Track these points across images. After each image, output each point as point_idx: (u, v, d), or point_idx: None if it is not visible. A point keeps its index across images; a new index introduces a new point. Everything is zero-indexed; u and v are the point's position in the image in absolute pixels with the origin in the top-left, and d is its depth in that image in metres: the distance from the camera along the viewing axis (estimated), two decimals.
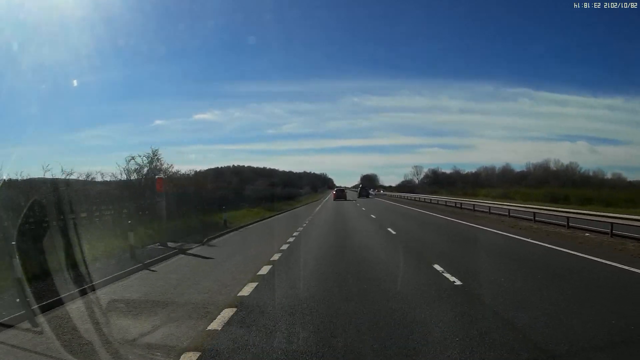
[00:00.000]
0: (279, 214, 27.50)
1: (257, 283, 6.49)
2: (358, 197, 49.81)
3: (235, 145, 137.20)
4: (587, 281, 6.42)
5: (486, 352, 3.52)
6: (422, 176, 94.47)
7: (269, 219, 22.99)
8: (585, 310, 4.75)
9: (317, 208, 32.87)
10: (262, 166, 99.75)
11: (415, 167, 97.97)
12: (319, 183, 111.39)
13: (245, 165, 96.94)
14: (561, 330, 4.03)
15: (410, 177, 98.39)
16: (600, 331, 4.02)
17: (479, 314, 4.67)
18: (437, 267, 7.39)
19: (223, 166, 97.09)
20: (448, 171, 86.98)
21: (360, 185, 63.52)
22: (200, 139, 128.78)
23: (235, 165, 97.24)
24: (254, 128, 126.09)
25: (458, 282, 6.21)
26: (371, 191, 63.37)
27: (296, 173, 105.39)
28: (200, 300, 5.67)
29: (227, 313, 4.85)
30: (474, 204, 24.84)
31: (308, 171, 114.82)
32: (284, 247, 10.64)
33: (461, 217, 19.83)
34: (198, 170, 31.64)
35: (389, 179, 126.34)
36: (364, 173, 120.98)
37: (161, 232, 11.84)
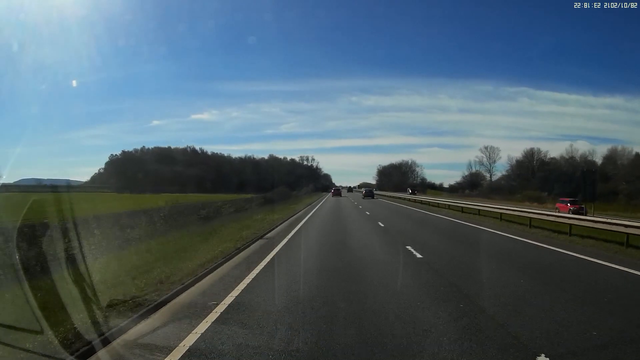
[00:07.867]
0: None
1: None
2: (347, 192, 74.80)
3: (234, 146, 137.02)
4: None
5: None
6: (497, 163, 52.84)
7: None
8: None
9: None
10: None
11: (486, 149, 60.57)
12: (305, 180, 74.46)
13: (172, 147, 75.17)
14: None
15: (476, 167, 58.58)
16: None
17: None
18: None
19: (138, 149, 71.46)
20: (563, 155, 48.14)
21: (349, 186, 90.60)
22: (198, 139, 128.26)
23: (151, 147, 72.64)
24: (252, 128, 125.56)
25: None
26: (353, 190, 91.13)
27: (255, 160, 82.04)
28: None
29: None
30: None
31: (280, 156, 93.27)
32: None
33: None
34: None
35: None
36: (364, 173, 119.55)
37: None
